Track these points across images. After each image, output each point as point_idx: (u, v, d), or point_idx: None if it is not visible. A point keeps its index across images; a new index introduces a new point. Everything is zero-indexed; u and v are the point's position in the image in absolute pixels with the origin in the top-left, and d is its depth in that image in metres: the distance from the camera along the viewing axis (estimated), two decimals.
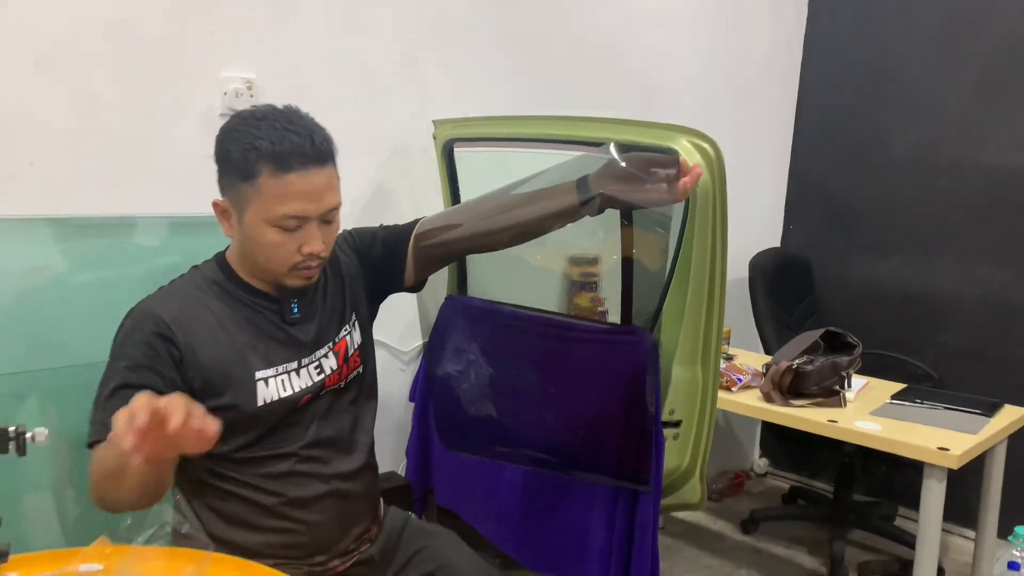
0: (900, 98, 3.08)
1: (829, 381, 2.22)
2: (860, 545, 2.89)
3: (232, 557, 0.97)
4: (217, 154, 1.28)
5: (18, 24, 1.45)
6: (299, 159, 1.22)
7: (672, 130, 1.44)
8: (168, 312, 1.27)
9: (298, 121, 1.25)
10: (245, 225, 1.27)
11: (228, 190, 1.28)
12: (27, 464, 1.37)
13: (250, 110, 1.27)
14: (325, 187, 1.26)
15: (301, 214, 1.24)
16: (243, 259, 1.34)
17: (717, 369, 1.57)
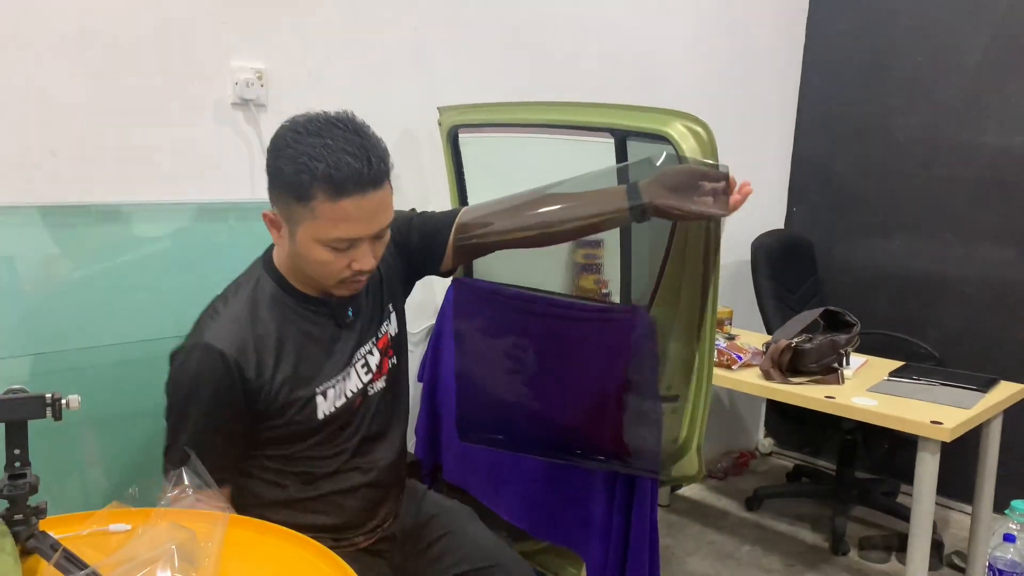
0: (901, 80, 3.10)
1: (828, 359, 2.26)
2: (862, 521, 2.94)
3: (250, 519, 1.03)
4: (270, 167, 1.25)
5: (38, 17, 1.51)
6: (355, 184, 1.18)
7: (666, 114, 1.48)
8: (231, 346, 1.24)
9: (355, 139, 1.20)
10: (296, 241, 1.25)
11: (279, 204, 1.25)
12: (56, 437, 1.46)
13: (303, 120, 1.22)
14: (380, 208, 1.24)
15: (354, 236, 1.22)
16: (293, 269, 1.32)
17: (712, 344, 1.61)
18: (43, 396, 0.83)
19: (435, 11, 2.15)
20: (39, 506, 0.86)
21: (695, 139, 1.46)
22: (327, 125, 1.21)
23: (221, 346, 1.23)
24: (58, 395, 0.84)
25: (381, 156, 1.22)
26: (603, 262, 2.44)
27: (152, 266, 1.66)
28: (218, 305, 1.31)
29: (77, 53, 1.56)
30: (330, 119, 1.22)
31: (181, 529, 0.87)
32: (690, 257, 1.59)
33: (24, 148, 1.52)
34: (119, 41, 1.61)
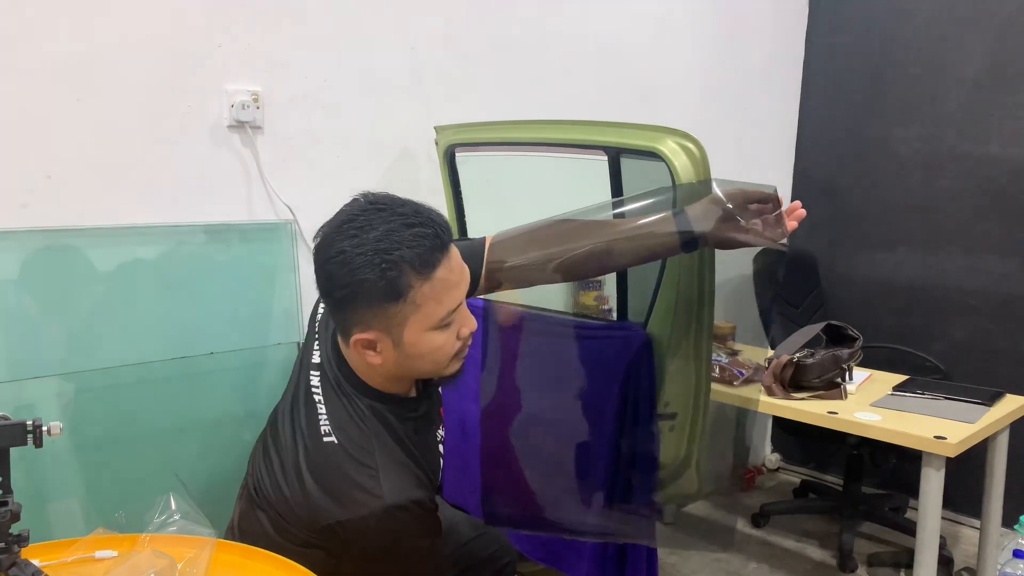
0: (902, 93, 3.10)
1: (830, 374, 2.24)
2: (870, 537, 2.91)
3: (237, 544, 1.02)
4: (343, 290, 1.10)
5: (33, 42, 1.52)
6: (439, 249, 1.10)
7: (658, 131, 1.48)
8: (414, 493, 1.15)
9: (406, 210, 1.11)
10: (406, 344, 1.13)
11: (371, 319, 1.12)
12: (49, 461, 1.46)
13: (345, 222, 1.11)
14: (461, 262, 1.16)
15: (459, 301, 1.14)
16: (396, 378, 1.21)
17: (709, 361, 1.60)
18: (24, 423, 0.83)
19: (432, 31, 2.16)
20: (21, 534, 0.85)
21: (687, 156, 1.46)
22: (370, 214, 1.10)
23: (406, 499, 1.13)
24: (39, 422, 0.84)
25: (436, 214, 1.14)
26: (603, 279, 2.43)
27: (147, 289, 1.66)
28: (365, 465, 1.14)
29: (72, 78, 1.57)
30: (365, 209, 1.12)
31: (162, 556, 0.86)
32: (685, 271, 1.58)
33: (19, 172, 1.53)
34: (114, 64, 1.62)
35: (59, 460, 1.49)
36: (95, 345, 1.58)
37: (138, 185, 1.68)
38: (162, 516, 1.00)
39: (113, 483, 1.56)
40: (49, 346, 1.53)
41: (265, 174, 1.85)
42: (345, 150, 2.01)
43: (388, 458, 1.16)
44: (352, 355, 1.19)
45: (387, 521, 1.10)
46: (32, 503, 1.44)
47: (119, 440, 1.59)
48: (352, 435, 1.16)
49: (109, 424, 1.57)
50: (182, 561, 0.91)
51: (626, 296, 1.77)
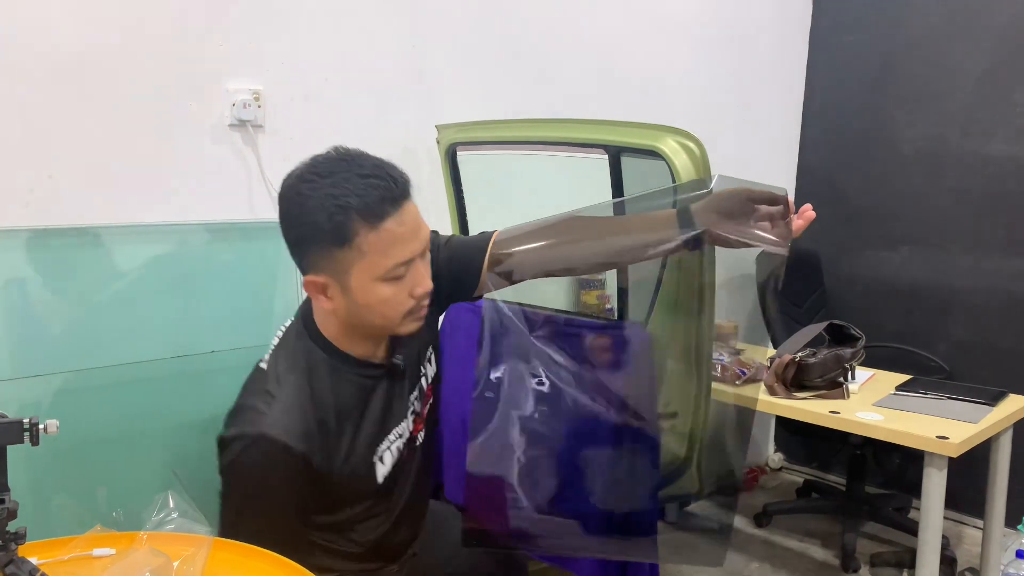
0: (906, 92, 3.09)
1: (832, 373, 2.24)
2: (873, 537, 2.90)
3: (234, 542, 1.03)
4: (296, 228, 1.17)
5: (35, 42, 1.52)
6: (390, 202, 1.12)
7: (658, 130, 1.48)
8: (297, 439, 1.16)
9: (366, 163, 1.15)
10: (352, 291, 1.17)
11: (323, 262, 1.16)
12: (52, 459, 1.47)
13: (307, 169, 1.16)
14: (418, 219, 1.18)
15: (409, 257, 1.16)
16: (349, 328, 1.24)
17: (710, 361, 1.60)
18: (20, 421, 0.83)
19: (433, 30, 2.16)
20: (18, 531, 0.85)
21: (687, 155, 1.46)
22: (332, 163, 1.15)
23: (286, 439, 1.15)
24: (35, 420, 0.84)
25: (399, 170, 1.18)
26: (605, 277, 2.43)
27: (149, 287, 1.66)
28: (271, 387, 1.20)
29: (74, 77, 1.57)
30: (330, 158, 1.16)
31: (158, 555, 0.86)
32: (686, 270, 1.58)
33: (21, 171, 1.54)
34: (116, 64, 1.62)
35: (61, 458, 1.49)
36: (97, 343, 1.58)
37: (140, 184, 1.69)
38: (160, 514, 1.01)
39: (114, 481, 1.56)
40: (51, 344, 1.54)
41: (266, 173, 1.85)
42: None
43: (292, 398, 1.18)
44: (314, 304, 1.24)
45: (251, 449, 1.14)
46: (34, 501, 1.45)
47: (120, 438, 1.59)
48: (279, 365, 1.23)
49: (111, 422, 1.57)
50: (179, 559, 0.91)
51: (627, 295, 1.76)
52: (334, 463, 1.22)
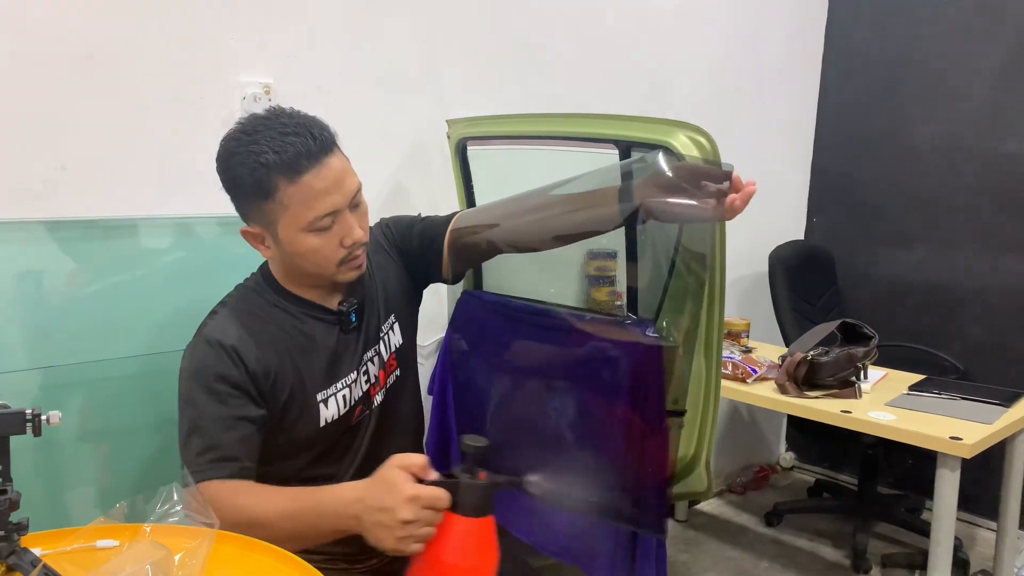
0: (922, 88, 3.06)
1: (844, 372, 2.22)
2: (884, 538, 2.88)
3: (237, 535, 1.02)
4: (226, 183, 1.25)
5: (47, 35, 1.52)
6: (307, 158, 1.18)
7: (669, 125, 1.46)
8: (230, 337, 1.25)
9: (290, 121, 1.21)
10: (282, 242, 1.25)
11: (252, 214, 1.26)
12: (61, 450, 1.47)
13: (237, 128, 1.23)
14: (342, 173, 1.23)
15: (331, 209, 1.21)
16: (290, 274, 1.32)
17: (720, 358, 1.59)
18: (23, 412, 0.83)
19: (444, 24, 2.15)
20: (21, 522, 0.85)
21: (698, 150, 1.44)
22: (259, 122, 1.22)
23: (220, 337, 1.25)
24: (38, 411, 0.84)
25: (321, 127, 1.23)
26: (616, 274, 2.41)
27: (162, 279, 1.67)
28: (218, 308, 1.33)
29: (86, 70, 1.58)
30: (259, 117, 1.23)
31: (159, 547, 0.86)
32: (695, 266, 1.56)
33: (34, 163, 1.54)
34: (128, 56, 1.62)
35: (68, 449, 1.50)
36: (109, 335, 1.58)
37: (151, 176, 1.69)
38: (164, 506, 1.00)
39: (120, 472, 1.57)
40: (64, 335, 1.54)
41: None
42: (356, 143, 1.99)
43: (231, 312, 1.30)
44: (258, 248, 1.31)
45: (189, 351, 1.26)
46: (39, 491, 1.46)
47: (129, 430, 1.60)
48: (231, 295, 1.36)
49: (120, 413, 1.57)
50: (181, 552, 0.91)
51: (636, 291, 1.75)
52: (276, 386, 1.27)
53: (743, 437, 3.41)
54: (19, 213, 1.52)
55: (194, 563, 0.90)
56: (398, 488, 1.03)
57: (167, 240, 1.70)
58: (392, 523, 1.03)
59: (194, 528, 0.97)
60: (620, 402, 1.63)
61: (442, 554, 1.05)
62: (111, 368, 1.57)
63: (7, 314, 1.47)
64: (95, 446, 1.55)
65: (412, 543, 1.04)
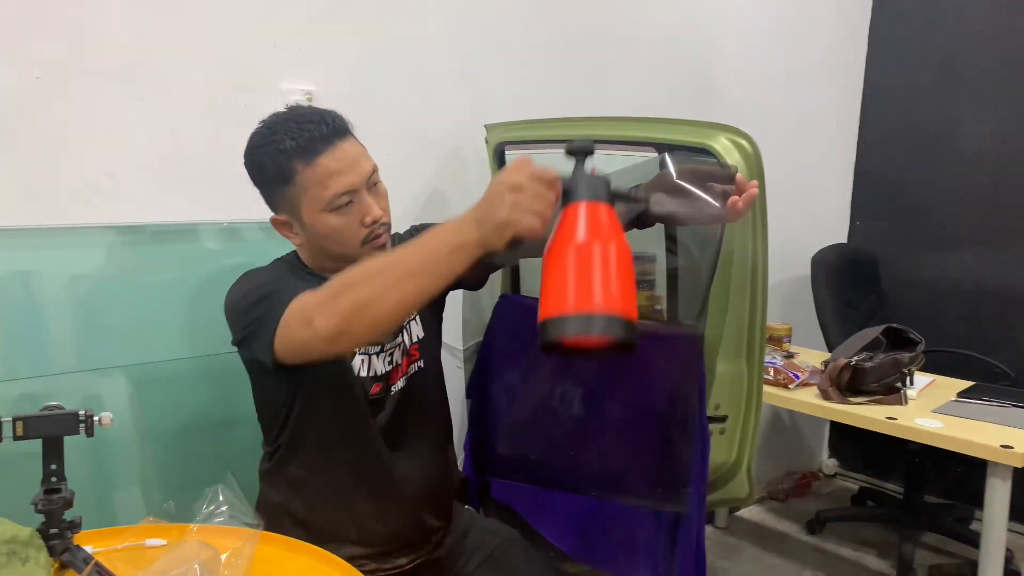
0: (971, 88, 2.99)
1: (890, 378, 2.18)
2: (932, 548, 2.81)
3: (280, 536, 1.04)
4: (253, 177, 1.34)
5: (96, 45, 1.56)
6: (322, 140, 1.26)
7: (710, 128, 1.45)
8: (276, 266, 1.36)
9: (306, 112, 1.30)
10: (306, 225, 1.30)
11: (277, 202, 1.33)
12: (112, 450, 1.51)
13: (259, 127, 1.33)
14: (357, 155, 1.30)
15: (348, 188, 1.27)
16: (317, 258, 1.37)
17: (762, 363, 1.57)
18: (76, 413, 0.85)
19: (483, 29, 2.16)
20: (74, 520, 0.88)
21: (740, 152, 1.43)
22: (279, 117, 1.31)
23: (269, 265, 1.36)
24: (90, 412, 0.86)
25: (335, 115, 1.30)
26: (655, 278, 2.39)
27: (208, 283, 1.69)
28: (251, 269, 1.39)
29: (133, 77, 1.61)
30: (279, 113, 1.32)
31: (206, 548, 0.88)
32: (738, 271, 1.55)
33: (84, 170, 1.58)
34: (173, 65, 1.66)
35: (117, 449, 1.53)
36: (156, 338, 1.62)
37: (196, 182, 1.72)
38: (210, 507, 1.02)
39: (168, 473, 1.60)
40: (112, 338, 1.57)
41: None
42: (396, 148, 2.01)
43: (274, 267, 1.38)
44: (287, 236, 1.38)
45: (240, 277, 1.36)
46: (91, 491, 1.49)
47: (177, 431, 1.63)
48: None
49: (167, 415, 1.61)
50: (227, 552, 0.92)
51: (677, 296, 1.74)
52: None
53: (785, 443, 3.36)
54: (69, 219, 1.56)
55: (240, 563, 0.91)
56: (509, 167, 1.01)
57: (213, 244, 1.74)
58: (502, 191, 0.98)
59: (239, 529, 0.99)
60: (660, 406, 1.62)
61: (569, 234, 0.97)
62: (159, 370, 1.60)
63: (59, 317, 1.51)
64: (142, 447, 1.59)
65: (526, 214, 0.98)
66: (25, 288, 1.49)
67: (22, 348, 1.48)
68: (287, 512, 1.37)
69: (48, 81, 1.51)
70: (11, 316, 1.47)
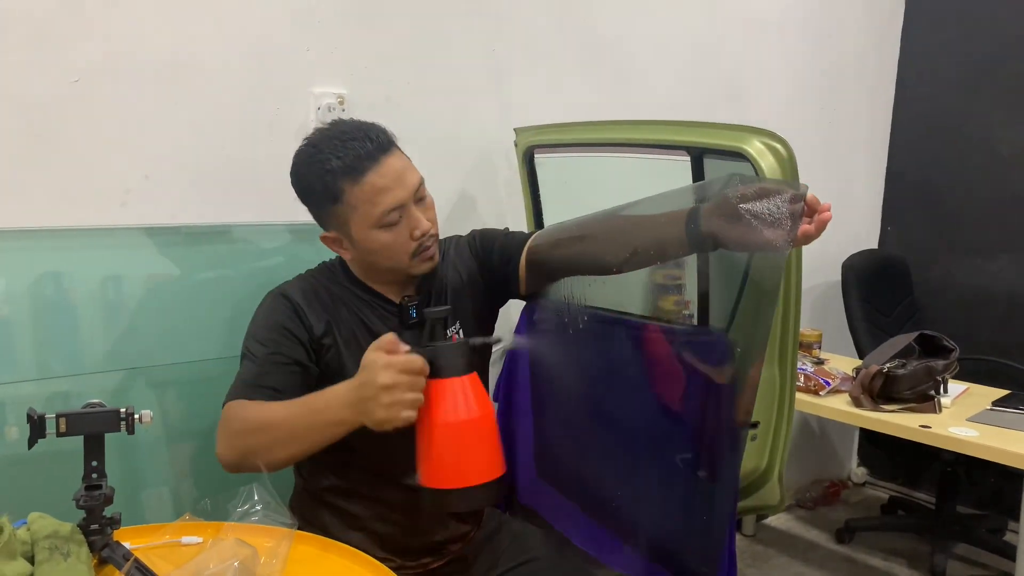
0: (1005, 90, 2.94)
1: (923, 386, 2.14)
2: (964, 559, 2.76)
3: (314, 535, 1.04)
4: (301, 196, 1.35)
5: (132, 48, 1.58)
6: (367, 158, 1.27)
7: (743, 131, 1.44)
8: (298, 295, 1.35)
9: (349, 129, 1.30)
10: (357, 241, 1.32)
11: (328, 220, 1.34)
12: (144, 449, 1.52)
13: (305, 143, 1.33)
14: (402, 170, 1.30)
15: (396, 204, 1.28)
16: (367, 271, 1.39)
17: (794, 369, 1.55)
18: (117, 410, 0.86)
19: (513, 33, 2.17)
20: (113, 517, 0.89)
21: (774, 156, 1.41)
22: (322, 134, 1.31)
23: (288, 292, 1.35)
24: (131, 409, 0.87)
25: (379, 130, 1.31)
26: (684, 282, 2.38)
27: (242, 284, 1.70)
28: (292, 278, 1.43)
29: (168, 81, 1.63)
30: (321, 130, 1.33)
31: (244, 546, 0.88)
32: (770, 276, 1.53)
33: (120, 172, 1.60)
34: (208, 68, 1.68)
35: (154, 448, 1.55)
36: (192, 338, 1.63)
37: (228, 185, 1.73)
38: (245, 505, 1.03)
39: (203, 471, 1.61)
40: (148, 338, 1.59)
41: None
42: (425, 152, 2.00)
43: (305, 280, 1.40)
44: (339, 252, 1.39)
45: (264, 301, 1.37)
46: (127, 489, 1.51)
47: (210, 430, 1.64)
48: (310, 269, 1.45)
49: (201, 414, 1.61)
50: (263, 551, 0.93)
51: (707, 301, 1.72)
52: (328, 349, 1.34)
53: (814, 451, 3.32)
54: (105, 220, 1.58)
55: (275, 563, 0.92)
56: (374, 361, 1.08)
57: (246, 246, 1.75)
58: (375, 392, 1.06)
59: (273, 528, 1.00)
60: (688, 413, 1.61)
61: (436, 417, 1.09)
62: (194, 370, 1.62)
63: (95, 317, 1.53)
64: (177, 445, 1.60)
65: (400, 409, 1.07)
66: (59, 288, 1.51)
67: (55, 347, 1.50)
68: (322, 504, 1.38)
69: (85, 85, 1.54)
70: (45, 316, 1.49)
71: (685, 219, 1.24)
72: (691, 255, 1.33)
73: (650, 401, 1.69)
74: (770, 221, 1.14)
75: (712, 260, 1.70)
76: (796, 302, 1.50)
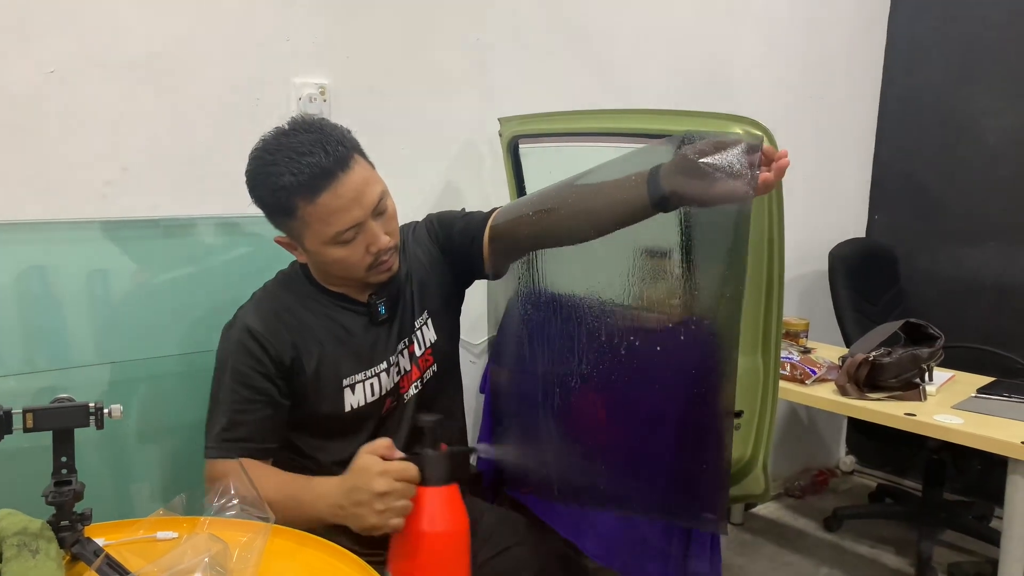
0: (992, 78, 2.94)
1: (908, 374, 2.14)
2: (951, 546, 2.78)
3: (291, 529, 1.04)
4: (254, 200, 1.31)
5: (110, 39, 1.56)
6: (322, 177, 1.21)
7: (725, 119, 1.43)
8: (262, 326, 1.31)
9: (306, 138, 1.22)
10: (311, 252, 1.31)
11: (280, 227, 1.32)
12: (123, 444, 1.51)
13: (260, 146, 1.27)
14: (362, 185, 1.24)
15: (352, 223, 1.24)
16: (325, 276, 1.38)
17: (778, 357, 1.55)
18: (86, 405, 0.85)
19: (497, 23, 2.15)
20: (84, 512, 0.88)
21: None
22: (278, 139, 1.25)
23: (248, 322, 1.32)
24: (100, 404, 0.86)
25: (338, 140, 1.24)
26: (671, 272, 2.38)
27: (222, 277, 1.70)
28: (257, 294, 1.41)
29: (146, 72, 1.61)
30: (280, 131, 1.26)
31: (217, 540, 0.87)
32: (754, 264, 1.53)
33: (99, 164, 1.58)
34: (186, 59, 1.66)
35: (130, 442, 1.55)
36: (171, 332, 1.62)
37: (209, 177, 1.72)
38: (221, 500, 1.02)
39: (183, 467, 1.60)
40: (128, 332, 1.58)
41: None
42: (409, 142, 2.02)
43: (267, 300, 1.37)
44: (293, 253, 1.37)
45: (224, 333, 1.34)
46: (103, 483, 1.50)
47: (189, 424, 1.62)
48: (269, 282, 1.43)
49: (180, 408, 1.61)
50: (238, 545, 0.92)
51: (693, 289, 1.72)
52: (297, 368, 1.33)
53: (801, 440, 3.33)
54: (83, 213, 1.56)
55: (250, 556, 0.91)
56: (369, 467, 1.09)
57: (226, 239, 1.74)
58: (369, 499, 1.08)
59: (250, 522, 0.99)
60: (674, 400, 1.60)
61: (419, 525, 1.12)
62: (173, 364, 1.61)
63: (74, 311, 1.52)
64: (156, 440, 1.59)
65: (392, 517, 1.08)
66: (42, 282, 1.50)
67: (39, 341, 1.49)
68: None
69: (62, 76, 1.52)
70: (28, 310, 1.48)
71: (646, 180, 1.21)
72: (654, 215, 1.25)
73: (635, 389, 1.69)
74: (729, 172, 1.13)
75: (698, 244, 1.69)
76: (779, 290, 1.50)
